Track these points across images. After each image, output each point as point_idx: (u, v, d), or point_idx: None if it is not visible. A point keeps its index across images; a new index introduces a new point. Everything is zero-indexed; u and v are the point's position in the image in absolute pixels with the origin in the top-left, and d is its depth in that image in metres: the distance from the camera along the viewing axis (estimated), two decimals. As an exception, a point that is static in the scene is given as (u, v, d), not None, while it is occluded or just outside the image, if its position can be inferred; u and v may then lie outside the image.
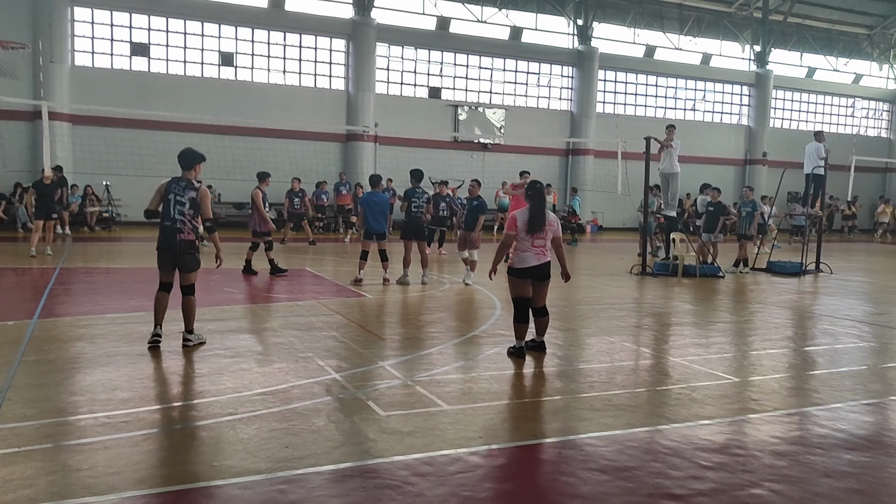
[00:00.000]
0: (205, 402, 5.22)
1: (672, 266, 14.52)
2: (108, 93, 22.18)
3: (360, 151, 26.25)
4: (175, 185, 6.89)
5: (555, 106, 30.98)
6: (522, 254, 6.77)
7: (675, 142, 14.74)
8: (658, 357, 7.33)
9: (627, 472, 4.13)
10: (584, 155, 30.23)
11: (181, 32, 24.72)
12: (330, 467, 4.08)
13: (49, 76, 21.92)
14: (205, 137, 22.63)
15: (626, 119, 30.55)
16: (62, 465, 4.03)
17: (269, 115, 24.21)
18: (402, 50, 28.04)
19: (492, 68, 29.70)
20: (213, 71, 25.23)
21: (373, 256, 11.90)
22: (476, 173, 26.22)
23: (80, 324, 7.91)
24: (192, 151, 7.05)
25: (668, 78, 33.24)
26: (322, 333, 7.70)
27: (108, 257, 15.10)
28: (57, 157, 20.62)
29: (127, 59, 24.08)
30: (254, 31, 25.64)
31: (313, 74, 26.73)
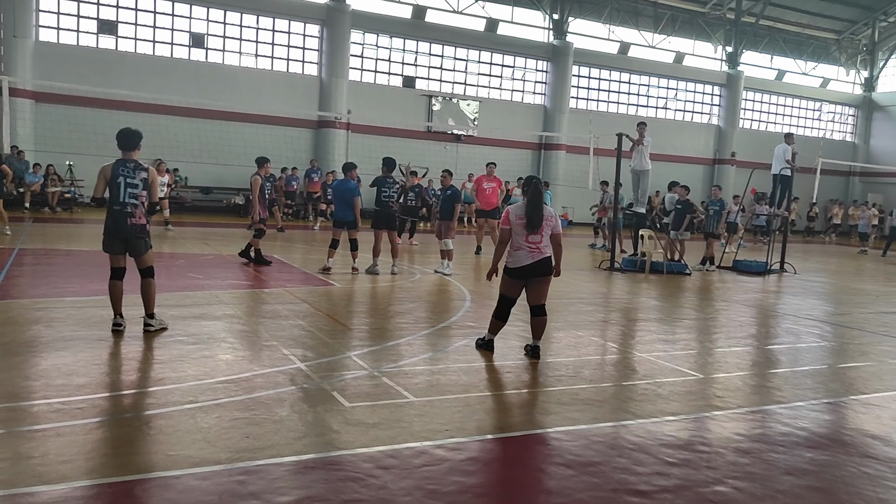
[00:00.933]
0: (164, 389, 5.09)
1: (640, 262, 14.62)
2: (74, 70, 21.64)
3: (332, 138, 26.00)
4: (122, 167, 6.59)
5: (529, 100, 31.00)
6: (516, 252, 6.50)
7: (647, 139, 14.81)
8: (624, 352, 7.35)
9: (593, 467, 4.11)
10: (557, 150, 30.32)
11: (151, 11, 24.19)
12: (292, 458, 3.99)
13: (11, 51, 21.31)
14: (172, 119, 22.28)
15: (599, 115, 30.69)
16: (12, 452, 3.89)
17: (239, 98, 23.85)
18: (377, 38, 27.80)
19: (467, 60, 29.60)
20: (183, 52, 24.76)
21: (343, 245, 11.78)
22: (449, 164, 26.15)
23: (37, 306, 7.68)
24: (134, 130, 6.74)
25: (642, 76, 33.47)
26: (288, 322, 7.58)
27: (68, 239, 14.73)
28: (18, 135, 20.10)
29: (94, 37, 23.50)
30: (226, 13, 25.21)
31: (286, 59, 26.38)
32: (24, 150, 20.98)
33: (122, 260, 6.74)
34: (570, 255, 17.25)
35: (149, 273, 6.78)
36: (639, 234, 15.47)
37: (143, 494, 3.51)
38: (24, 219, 17.96)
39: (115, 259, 6.72)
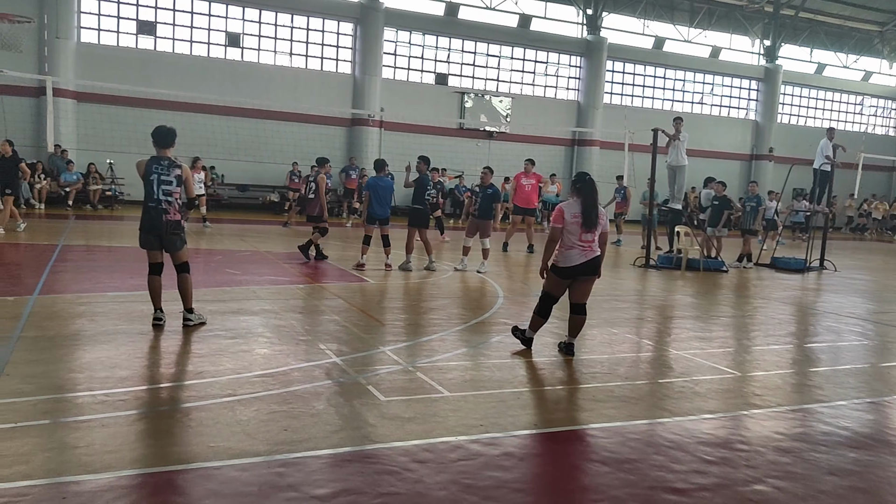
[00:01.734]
0: (204, 382, 5.18)
1: (676, 259, 14.46)
2: (114, 70, 22.07)
3: (366, 136, 26.13)
4: (156, 164, 6.71)
5: (562, 96, 30.80)
6: (568, 251, 6.37)
7: (683, 134, 14.64)
8: (660, 350, 7.28)
9: (629, 464, 4.08)
10: (591, 146, 30.09)
11: (188, 11, 24.57)
12: (328, 451, 4.04)
13: (54, 52, 21.80)
14: (209, 118, 22.59)
15: (634, 111, 30.38)
16: (59, 441, 4.00)
17: (274, 97, 24.10)
18: (410, 35, 27.85)
19: (499, 56, 29.51)
20: (219, 51, 25.09)
21: (375, 241, 11.86)
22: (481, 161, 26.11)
23: (81, 301, 7.87)
24: (168, 128, 6.85)
25: (677, 70, 33.04)
26: (323, 317, 7.66)
27: (109, 236, 15.05)
28: (61, 134, 20.58)
29: (133, 37, 23.94)
30: (261, 13, 25.47)
31: (320, 58, 26.56)
32: (67, 148, 21.47)
33: (159, 255, 6.87)
34: (604, 252, 17.12)
35: (184, 269, 6.89)
36: (674, 230, 15.28)
37: (185, 484, 3.58)
38: (66, 216, 18.39)
39: (152, 255, 6.85)
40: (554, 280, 6.55)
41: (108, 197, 21.73)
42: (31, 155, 20.95)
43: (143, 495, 3.44)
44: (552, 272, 6.55)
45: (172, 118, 22.28)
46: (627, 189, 19.39)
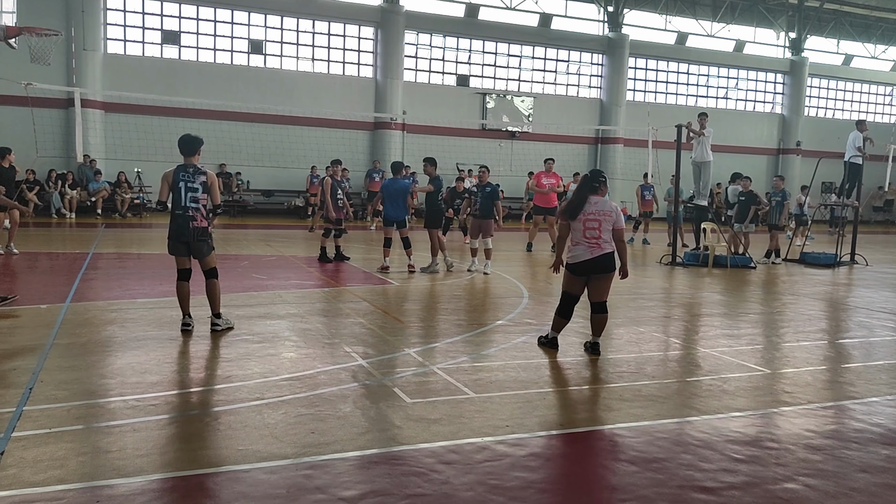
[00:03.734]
0: (232, 386, 5.24)
1: (702, 256, 14.32)
2: (140, 80, 22.41)
3: (388, 139, 26.24)
4: (183, 172, 6.82)
5: (584, 94, 30.66)
6: (575, 247, 6.42)
7: (708, 130, 14.49)
8: (688, 348, 7.22)
9: (657, 463, 4.06)
10: (614, 143, 29.91)
11: (211, 20, 24.87)
12: (356, 453, 4.07)
13: (82, 64, 22.19)
14: (234, 125, 22.85)
15: (657, 107, 30.14)
16: (92, 446, 4.07)
17: (297, 102, 24.31)
18: (431, 37, 27.91)
19: (520, 56, 29.46)
20: (242, 59, 25.36)
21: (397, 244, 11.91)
22: (504, 161, 26.13)
23: (112, 308, 8.00)
24: (194, 136, 6.98)
25: (701, 66, 32.73)
26: (349, 320, 7.70)
27: (138, 243, 15.28)
28: (90, 144, 20.93)
29: (158, 47, 24.29)
30: (283, 19, 25.70)
31: (342, 62, 26.73)
32: (95, 158, 21.84)
33: (187, 262, 6.96)
34: (629, 250, 17.01)
35: (212, 274, 6.98)
36: (700, 227, 15.13)
37: (215, 487, 3.63)
38: (96, 225, 18.70)
39: (181, 261, 6.95)
40: (568, 277, 6.57)
41: (137, 205, 22.07)
42: (61, 165, 21.37)
43: (174, 498, 3.49)
44: (566, 269, 6.58)
45: (198, 126, 22.62)
46: (655, 187, 19.18)
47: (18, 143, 18.63)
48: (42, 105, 20.75)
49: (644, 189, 19.14)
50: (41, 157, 17.01)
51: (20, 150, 18.35)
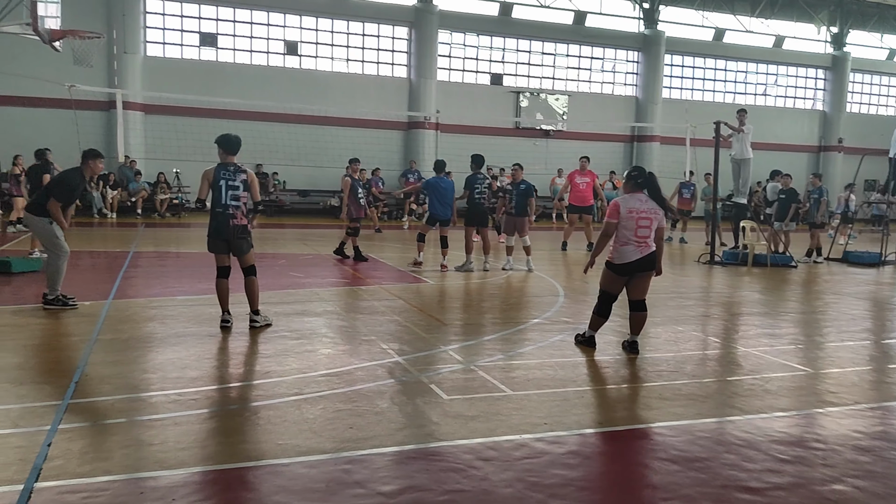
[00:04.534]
0: (271, 381, 5.29)
1: (742, 255, 14.07)
2: (178, 82, 22.74)
3: (422, 139, 26.27)
4: (223, 170, 6.90)
5: (619, 91, 30.35)
6: (623, 247, 6.27)
7: (748, 126, 14.24)
8: (728, 347, 7.09)
9: (699, 462, 3.99)
10: (650, 141, 29.55)
11: (248, 22, 25.16)
12: (394, 449, 4.07)
13: (122, 66, 22.61)
14: (270, 125, 23.07)
15: (695, 104, 29.71)
16: (135, 439, 4.14)
17: (332, 102, 24.45)
18: (465, 36, 27.88)
19: (555, 54, 29.26)
20: (278, 60, 25.60)
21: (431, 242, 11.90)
22: (539, 160, 25.99)
23: (152, 305, 8.14)
24: (233, 136, 7.08)
25: (739, 62, 32.15)
26: (385, 317, 7.73)
27: (177, 242, 15.53)
28: (130, 145, 21.32)
29: (196, 49, 24.65)
30: (318, 20, 25.88)
31: (376, 62, 26.84)
32: (135, 159, 22.25)
33: (227, 259, 7.05)
34: (666, 249, 16.80)
35: (251, 271, 7.05)
36: (740, 225, 14.87)
37: (256, 481, 3.66)
38: (136, 224, 19.06)
39: (220, 258, 7.03)
40: (610, 277, 6.45)
41: (175, 205, 22.42)
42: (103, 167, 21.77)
43: (215, 491, 3.53)
44: (608, 269, 6.45)
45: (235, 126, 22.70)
46: (696, 185, 18.87)
47: (62, 144, 19.05)
48: (84, 107, 21.18)
49: (683, 187, 18.84)
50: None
51: (63, 152, 18.77)
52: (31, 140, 19.10)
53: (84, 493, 3.42)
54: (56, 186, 7.75)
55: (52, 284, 7.61)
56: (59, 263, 7.64)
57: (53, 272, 7.62)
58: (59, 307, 7.57)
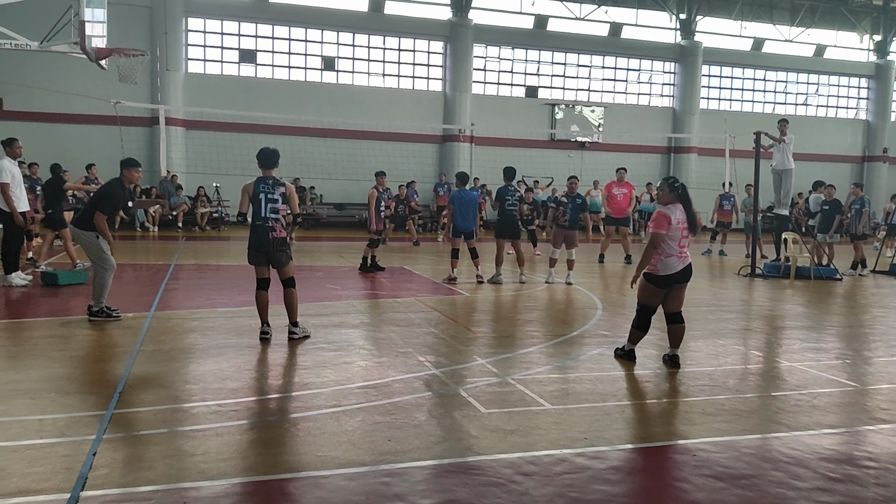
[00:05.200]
0: (309, 393, 5.31)
1: (784, 268, 13.78)
2: (218, 98, 23.20)
3: (457, 152, 26.36)
4: (262, 184, 7.00)
5: (656, 103, 30.11)
6: (667, 259, 6.17)
7: (789, 136, 13.99)
8: (771, 361, 6.94)
9: (745, 479, 3.89)
10: (688, 153, 29.23)
11: (286, 38, 25.59)
12: (433, 462, 4.05)
13: (165, 83, 23.15)
14: (307, 140, 23.40)
15: (734, 115, 29.32)
16: (178, 449, 4.18)
17: (368, 117, 24.69)
18: (499, 50, 27.97)
19: (590, 66, 29.16)
20: (315, 75, 25.97)
21: (465, 255, 11.89)
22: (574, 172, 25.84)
23: (193, 317, 8.26)
24: (272, 150, 7.19)
25: (778, 72, 31.68)
26: (421, 329, 7.72)
27: (217, 255, 15.76)
28: (172, 160, 21.78)
29: (235, 66, 25.13)
30: (354, 36, 26.21)
31: (411, 77, 27.05)
32: (177, 173, 22.70)
33: (266, 271, 7.13)
34: (704, 261, 16.55)
35: (290, 283, 7.12)
36: (781, 237, 14.58)
37: (296, 492, 3.67)
38: (177, 238, 19.41)
39: (260, 271, 7.11)
40: (652, 290, 6.34)
41: (215, 219, 22.79)
42: (144, 180, 22.24)
43: (257, 502, 3.55)
44: (649, 282, 6.32)
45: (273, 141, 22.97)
46: (736, 197, 18.55)
47: (106, 160, 19.55)
48: (128, 123, 21.73)
49: (723, 198, 18.55)
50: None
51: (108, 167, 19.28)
52: (79, 155, 19.70)
53: (129, 503, 3.46)
54: (101, 200, 7.93)
55: (97, 297, 7.77)
56: (106, 277, 7.80)
57: (100, 285, 7.78)
58: (104, 319, 7.72)
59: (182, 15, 23.82)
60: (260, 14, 24.91)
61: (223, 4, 24.63)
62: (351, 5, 25.99)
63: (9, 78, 20.86)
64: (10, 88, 21.12)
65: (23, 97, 21.27)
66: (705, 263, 16.33)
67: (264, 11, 24.92)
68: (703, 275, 14.19)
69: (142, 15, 23.06)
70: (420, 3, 26.88)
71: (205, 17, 24.61)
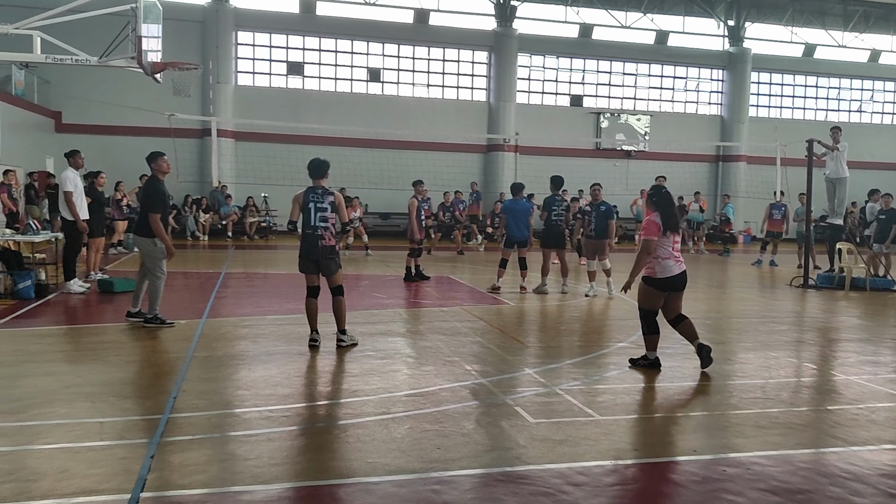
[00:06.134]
0: (358, 400, 5.37)
1: (838, 279, 13.42)
2: (267, 110, 23.63)
3: (501, 161, 26.36)
4: (312, 193, 7.14)
5: (703, 111, 29.67)
6: (664, 261, 6.41)
7: (842, 144, 13.65)
8: (827, 374, 6.76)
9: (802, 494, 3.81)
10: (736, 161, 28.69)
11: (332, 51, 25.98)
12: (481, 471, 4.06)
13: (216, 96, 23.70)
14: (353, 151, 23.66)
15: (784, 123, 28.76)
16: (230, 453, 4.27)
17: (413, 127, 24.86)
18: (544, 59, 27.92)
19: (636, 74, 28.91)
20: (361, 87, 26.28)
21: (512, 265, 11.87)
22: (619, 181, 25.67)
23: (243, 324, 8.42)
24: (322, 160, 7.34)
25: (831, 78, 30.92)
26: (467, 339, 7.74)
27: (265, 263, 16.03)
28: (222, 171, 22.25)
29: (283, 78, 25.60)
30: (399, 47, 26.47)
31: (456, 87, 27.18)
32: (227, 184, 23.19)
33: (316, 279, 7.23)
34: (754, 272, 16.22)
35: (339, 292, 7.21)
36: (835, 247, 14.20)
37: (347, 498, 3.71)
38: (226, 247, 19.81)
39: (310, 279, 7.23)
40: (653, 293, 6.51)
41: (263, 228, 23.19)
42: (196, 191, 22.81)
43: (308, 506, 3.60)
44: (649, 286, 6.50)
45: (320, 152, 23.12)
46: (788, 206, 18.11)
47: (159, 170, 20.03)
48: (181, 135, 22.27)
49: (774, 207, 18.16)
50: (181, 182, 18.20)
51: (161, 178, 19.81)
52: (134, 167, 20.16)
53: (185, 505, 3.55)
54: (150, 201, 8.06)
55: (151, 304, 7.98)
56: (159, 284, 8.01)
57: (153, 292, 7.99)
58: (157, 325, 7.92)
59: (232, 29, 24.39)
60: (307, 27, 25.35)
61: (271, 18, 25.14)
62: (396, 17, 26.27)
63: (68, 92, 21.62)
64: (70, 102, 21.89)
65: (81, 110, 22.01)
66: (755, 274, 16.01)
67: (311, 24, 25.35)
68: (754, 286, 13.91)
69: (194, 29, 23.67)
70: (465, 13, 27.03)
71: (254, 31, 25.15)
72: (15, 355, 6.71)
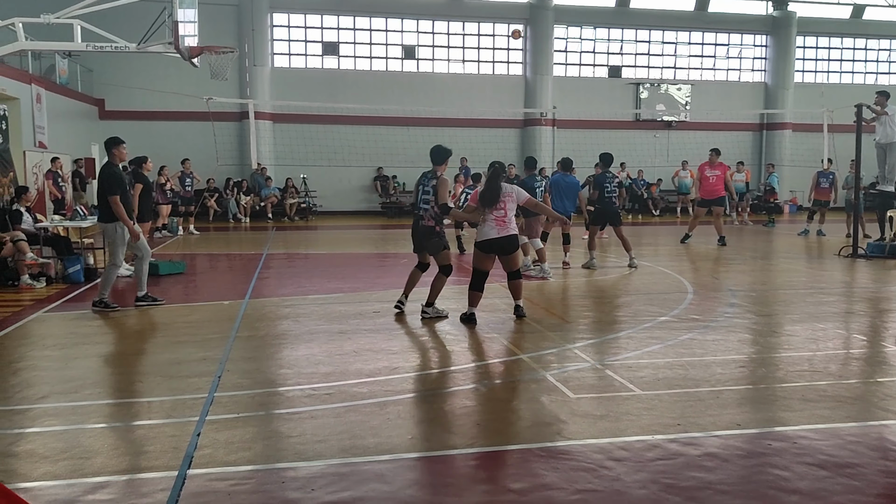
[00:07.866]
0: (399, 377, 5.41)
1: (889, 248, 13.01)
2: (303, 91, 23.73)
3: (538, 135, 26.09)
4: (424, 177, 7.61)
5: (746, 78, 28.88)
6: (482, 226, 7.24)
7: (892, 108, 13.15)
8: (877, 346, 6.59)
9: (851, 469, 3.72)
10: (781, 129, 27.94)
11: (367, 29, 25.91)
12: (522, 446, 4.06)
13: (253, 78, 23.88)
14: (390, 129, 23.67)
15: (831, 88, 27.85)
16: (274, 431, 4.35)
17: (449, 104, 24.72)
18: (581, 30, 27.45)
19: (676, 42, 28.23)
20: (396, 65, 26.19)
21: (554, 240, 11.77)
22: (660, 152, 25.23)
23: (285, 304, 8.54)
24: (439, 148, 7.66)
25: (881, 39, 29.78)
26: (506, 315, 7.71)
27: (306, 244, 16.21)
28: (261, 153, 22.50)
29: (319, 59, 25.64)
30: (434, 23, 26.26)
31: (491, 62, 26.90)
32: (266, 166, 23.44)
33: (424, 256, 7.69)
34: (801, 242, 15.84)
35: (444, 270, 7.55)
36: (886, 215, 13.75)
37: (389, 474, 3.73)
38: (267, 228, 20.07)
39: (418, 255, 7.75)
40: (478, 255, 7.31)
41: (303, 209, 23.42)
42: (236, 174, 23.10)
43: (351, 483, 3.64)
44: (476, 248, 7.32)
45: (357, 131, 23.59)
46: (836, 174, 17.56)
47: (200, 154, 20.40)
48: (219, 119, 22.55)
49: (821, 176, 17.63)
50: (221, 165, 18.48)
51: (202, 162, 20.14)
52: (175, 151, 20.58)
53: (231, 481, 3.63)
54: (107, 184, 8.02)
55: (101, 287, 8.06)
56: (113, 271, 8.12)
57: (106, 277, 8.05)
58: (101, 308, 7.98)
59: (268, 11, 24.46)
60: (341, 6, 25.30)
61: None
62: (430, -7, 26.06)
63: (110, 80, 22.01)
64: (112, 89, 22.29)
65: (122, 97, 22.39)
66: (802, 244, 15.63)
67: (345, 3, 25.28)
68: (801, 256, 13.59)
69: (230, 13, 23.81)
70: (499, -14, 26.69)
71: (289, 12, 25.20)
72: (67, 338, 6.92)
